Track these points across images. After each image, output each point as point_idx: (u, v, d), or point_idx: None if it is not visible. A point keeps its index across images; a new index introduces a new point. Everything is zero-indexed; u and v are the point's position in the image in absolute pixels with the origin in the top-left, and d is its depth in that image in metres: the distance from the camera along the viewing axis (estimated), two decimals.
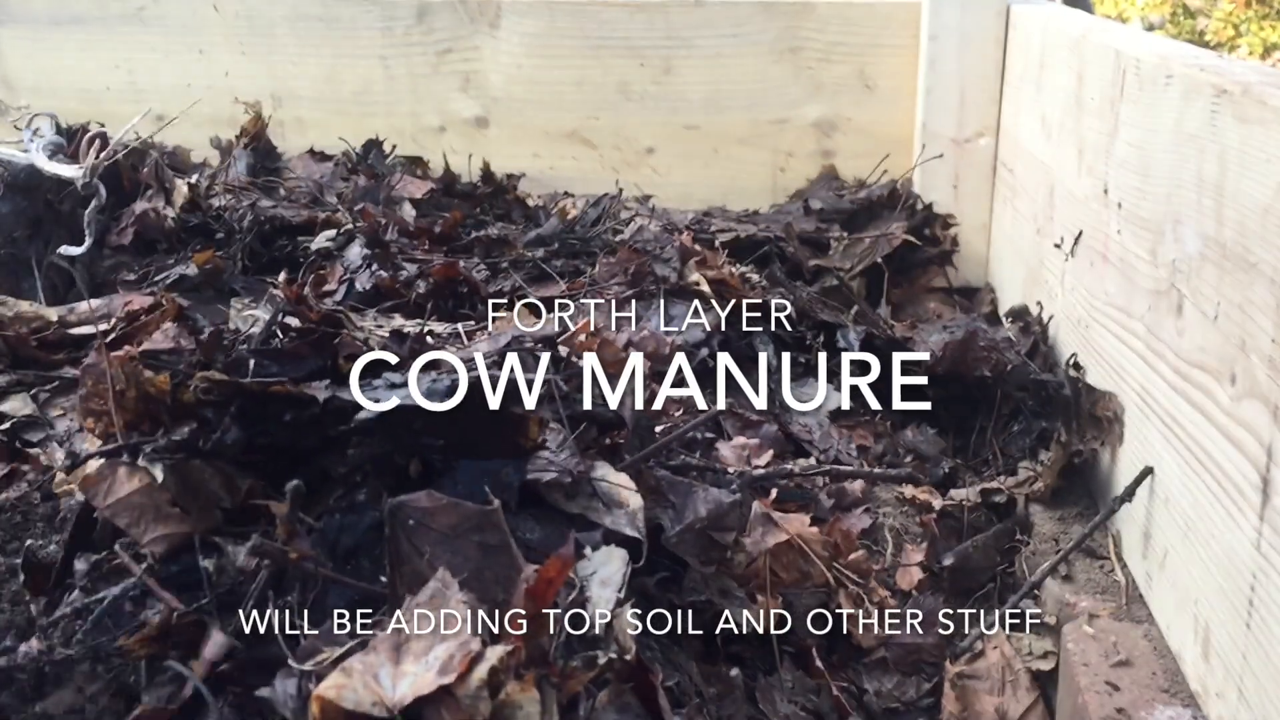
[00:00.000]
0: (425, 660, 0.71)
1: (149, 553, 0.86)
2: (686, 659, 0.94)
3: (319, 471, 0.90)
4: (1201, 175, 0.99)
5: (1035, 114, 1.65)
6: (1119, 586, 1.13)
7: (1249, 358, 0.87)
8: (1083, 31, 1.42)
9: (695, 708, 0.88)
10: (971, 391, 1.47)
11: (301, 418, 0.88)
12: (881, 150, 2.03)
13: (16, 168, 1.68)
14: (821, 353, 1.47)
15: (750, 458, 1.24)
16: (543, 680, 0.73)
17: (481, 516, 0.81)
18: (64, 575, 0.88)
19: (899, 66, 2.01)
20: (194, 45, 2.16)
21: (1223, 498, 0.91)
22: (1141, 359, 1.13)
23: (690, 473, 1.06)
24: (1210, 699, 0.93)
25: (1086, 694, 0.98)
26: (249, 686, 0.76)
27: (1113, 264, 1.24)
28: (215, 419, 0.88)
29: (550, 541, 0.88)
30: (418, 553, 0.79)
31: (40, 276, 1.62)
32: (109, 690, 0.81)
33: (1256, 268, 0.87)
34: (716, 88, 2.08)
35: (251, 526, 0.86)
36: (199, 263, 1.57)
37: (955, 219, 1.96)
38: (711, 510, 0.97)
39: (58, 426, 1.18)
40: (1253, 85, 0.91)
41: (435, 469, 0.91)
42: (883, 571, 1.21)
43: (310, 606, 0.81)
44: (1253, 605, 0.85)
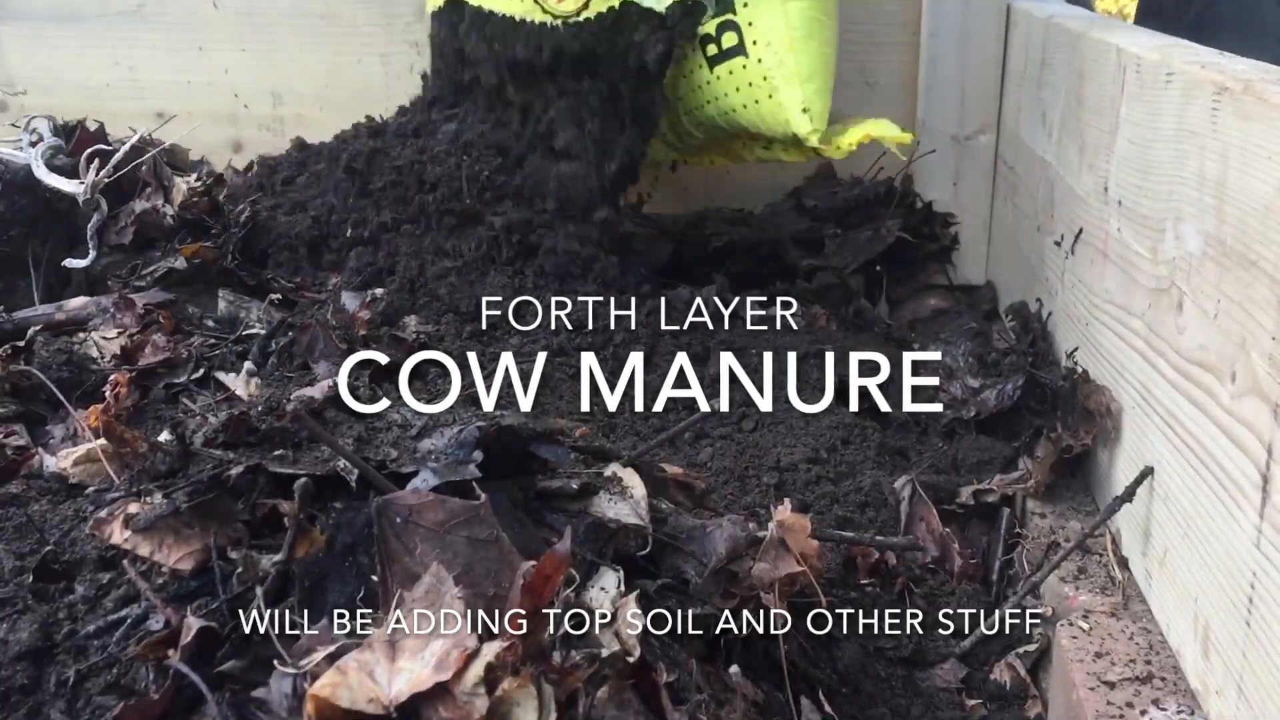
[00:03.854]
0: (421, 657, 0.71)
1: (166, 569, 0.86)
2: (686, 656, 0.94)
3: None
4: (1202, 173, 0.98)
5: (1036, 111, 1.65)
6: (1118, 584, 1.13)
7: (1249, 355, 0.87)
8: (1083, 29, 1.42)
9: (696, 704, 0.88)
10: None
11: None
12: (882, 147, 2.02)
13: (15, 167, 1.68)
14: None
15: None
16: (541, 676, 0.73)
17: (469, 511, 0.81)
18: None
19: (899, 63, 2.00)
20: (194, 42, 2.15)
21: (1223, 495, 0.91)
22: (1142, 356, 1.13)
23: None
24: (1210, 697, 0.93)
25: (1083, 691, 0.98)
26: (249, 685, 0.76)
27: (1113, 261, 1.24)
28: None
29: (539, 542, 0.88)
30: (407, 550, 0.79)
31: (37, 276, 1.62)
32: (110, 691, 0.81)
33: (1257, 265, 0.86)
34: None
35: (270, 538, 0.87)
36: (187, 255, 1.57)
37: (955, 216, 1.96)
38: (730, 547, 0.97)
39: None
40: (1253, 82, 0.91)
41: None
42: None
43: (310, 606, 0.81)
44: (1253, 603, 0.85)
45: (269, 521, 0.88)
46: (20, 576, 0.89)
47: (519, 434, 0.96)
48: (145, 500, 0.90)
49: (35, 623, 0.84)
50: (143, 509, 0.88)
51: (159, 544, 0.87)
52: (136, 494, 0.91)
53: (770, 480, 1.33)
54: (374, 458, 0.92)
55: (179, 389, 1.25)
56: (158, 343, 1.32)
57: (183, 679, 0.76)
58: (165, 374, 1.28)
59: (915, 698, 1.09)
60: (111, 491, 0.94)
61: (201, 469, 0.90)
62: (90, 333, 1.39)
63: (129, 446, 0.95)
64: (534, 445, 0.97)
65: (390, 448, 0.95)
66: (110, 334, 1.39)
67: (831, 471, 1.36)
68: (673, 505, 1.03)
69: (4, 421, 1.19)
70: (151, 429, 1.08)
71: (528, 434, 0.97)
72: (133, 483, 0.93)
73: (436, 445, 0.93)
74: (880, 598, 1.18)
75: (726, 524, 0.98)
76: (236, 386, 1.21)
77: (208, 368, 1.29)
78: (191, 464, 0.92)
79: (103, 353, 1.35)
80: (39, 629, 0.84)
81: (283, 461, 0.91)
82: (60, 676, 0.80)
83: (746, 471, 1.35)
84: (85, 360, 1.33)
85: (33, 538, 0.94)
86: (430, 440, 0.95)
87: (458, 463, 0.89)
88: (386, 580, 0.79)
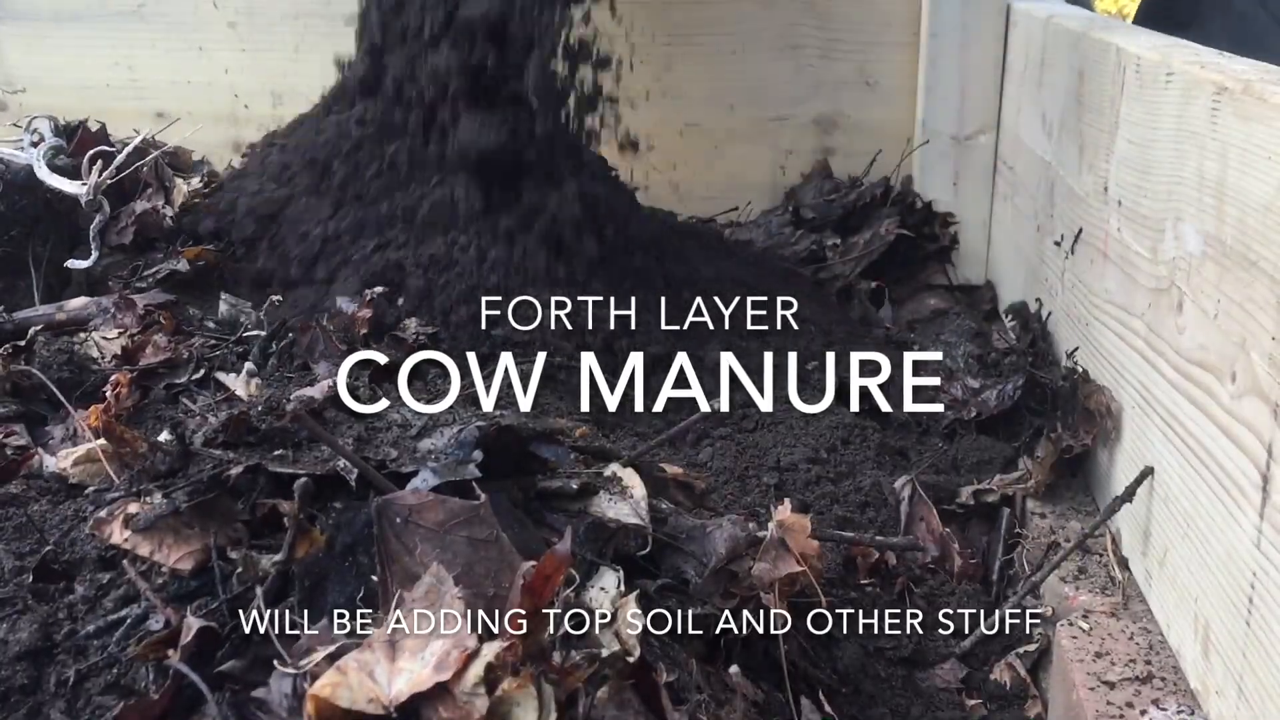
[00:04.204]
0: (421, 657, 0.71)
1: (165, 569, 0.86)
2: (686, 656, 0.94)
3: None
4: (1202, 173, 0.98)
5: (1036, 111, 1.65)
6: (1118, 584, 1.13)
7: (1249, 355, 0.87)
8: (1083, 29, 1.42)
9: (696, 704, 0.88)
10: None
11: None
12: (882, 148, 2.03)
13: (16, 167, 1.67)
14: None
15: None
16: (541, 676, 0.73)
17: (469, 511, 0.81)
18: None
19: (900, 64, 2.00)
20: (194, 42, 2.15)
21: (1223, 495, 0.91)
22: (1142, 357, 1.13)
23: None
24: (1210, 696, 0.93)
25: (1083, 691, 0.98)
26: (249, 685, 0.76)
27: (1113, 261, 1.24)
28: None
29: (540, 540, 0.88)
30: (407, 550, 0.79)
31: (38, 276, 1.62)
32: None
33: (1257, 265, 0.86)
34: (717, 85, 2.07)
35: (270, 538, 0.87)
36: (190, 257, 1.57)
37: (955, 216, 1.96)
38: (730, 547, 0.97)
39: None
40: (1253, 83, 0.91)
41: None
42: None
43: (310, 606, 0.81)
44: (1253, 603, 0.85)
45: (269, 521, 0.88)
46: (20, 576, 0.89)
47: (519, 434, 0.96)
48: (145, 500, 0.90)
49: (35, 623, 0.84)
50: (143, 509, 0.88)
51: (159, 544, 0.87)
52: (136, 494, 0.91)
53: (770, 480, 1.34)
54: (374, 458, 0.92)
55: (179, 389, 1.25)
56: (158, 343, 1.32)
57: (183, 679, 0.76)
58: (166, 374, 1.28)
59: (915, 698, 1.09)
60: (111, 491, 0.94)
61: (201, 469, 0.90)
62: (91, 333, 1.39)
63: (129, 446, 0.95)
64: (534, 445, 0.97)
65: (390, 448, 0.95)
66: (111, 334, 1.39)
67: (831, 471, 1.36)
68: (673, 505, 1.03)
69: (4, 421, 1.19)
70: (151, 429, 1.08)
71: (528, 434, 0.97)
72: (133, 483, 0.93)
73: (436, 445, 0.93)
74: (880, 598, 1.18)
75: (726, 524, 0.98)
76: (236, 387, 1.21)
77: (208, 368, 1.29)
78: (191, 464, 0.92)
79: (103, 353, 1.35)
80: (39, 629, 0.83)
81: (283, 461, 0.91)
82: (60, 676, 0.80)
83: (746, 471, 1.35)
84: (85, 360, 1.33)
85: (33, 538, 0.94)
86: (430, 440, 0.95)
87: (458, 463, 0.89)
88: (386, 580, 0.79)
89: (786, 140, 2.09)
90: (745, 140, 2.09)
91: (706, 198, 2.09)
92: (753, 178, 2.10)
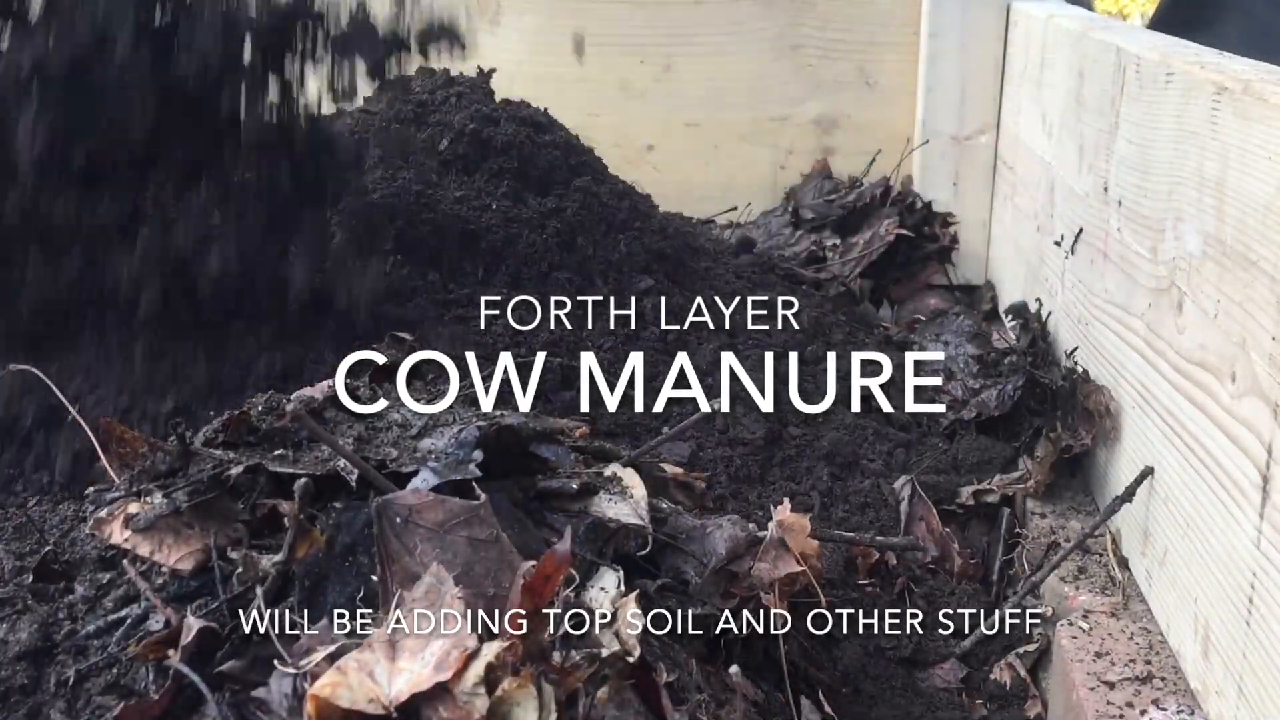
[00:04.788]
0: (421, 657, 0.71)
1: (165, 569, 0.86)
2: (686, 656, 0.94)
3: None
4: (1202, 173, 0.98)
5: (1036, 111, 1.65)
6: (1118, 584, 1.13)
7: (1249, 355, 0.87)
8: (1083, 29, 1.42)
9: (696, 704, 0.88)
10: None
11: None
12: (882, 148, 2.03)
13: None
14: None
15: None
16: (541, 676, 0.73)
17: (469, 511, 0.81)
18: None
19: (899, 64, 2.01)
20: None
21: (1223, 495, 0.91)
22: (1142, 356, 1.13)
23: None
24: (1210, 697, 0.93)
25: (1083, 691, 0.98)
26: (249, 685, 0.76)
27: (1113, 261, 1.24)
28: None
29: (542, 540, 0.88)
30: (407, 550, 0.79)
31: None
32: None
33: (1257, 265, 0.86)
34: (717, 85, 2.07)
35: (270, 538, 0.87)
36: None
37: (955, 216, 1.96)
38: (730, 548, 0.97)
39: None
40: (1253, 83, 0.91)
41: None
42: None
43: (310, 606, 0.81)
44: (1253, 603, 0.85)
45: (269, 521, 0.88)
46: (20, 576, 0.89)
47: (519, 434, 0.96)
48: (145, 500, 0.89)
49: (35, 623, 0.84)
50: (143, 509, 0.88)
51: (159, 544, 0.86)
52: (136, 494, 0.91)
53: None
54: (374, 458, 0.92)
55: None
56: None
57: (183, 679, 0.76)
58: None
59: (915, 698, 1.09)
60: (111, 491, 0.94)
61: (201, 469, 0.90)
62: None
63: (129, 446, 0.95)
64: (534, 445, 0.97)
65: (390, 447, 0.95)
66: None
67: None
68: (673, 505, 1.03)
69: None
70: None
71: (528, 434, 0.97)
72: (133, 483, 0.93)
73: (436, 445, 0.93)
74: (880, 598, 1.18)
75: (726, 524, 0.98)
76: None
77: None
78: (191, 464, 0.92)
79: None
80: (39, 629, 0.84)
81: (283, 461, 0.91)
82: (60, 676, 0.80)
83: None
84: None
85: (33, 538, 0.94)
86: (430, 440, 0.95)
87: (458, 462, 0.89)
88: (386, 580, 0.79)
89: (786, 140, 2.09)
90: (745, 140, 2.10)
91: (706, 198, 2.09)
92: (752, 178, 2.10)
